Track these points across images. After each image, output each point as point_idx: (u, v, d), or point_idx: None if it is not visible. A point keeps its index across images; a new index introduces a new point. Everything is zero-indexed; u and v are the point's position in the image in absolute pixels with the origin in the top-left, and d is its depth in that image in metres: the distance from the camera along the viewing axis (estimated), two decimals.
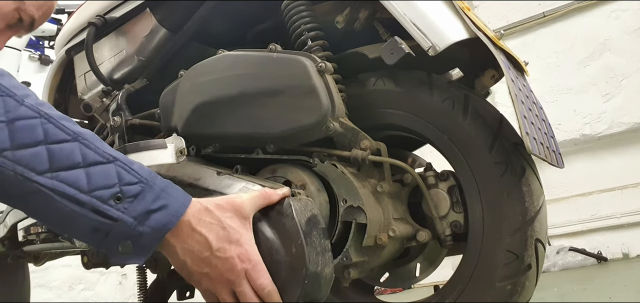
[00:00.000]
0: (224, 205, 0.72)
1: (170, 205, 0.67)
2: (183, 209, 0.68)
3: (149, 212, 0.65)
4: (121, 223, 0.64)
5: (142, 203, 0.65)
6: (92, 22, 1.35)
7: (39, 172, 0.62)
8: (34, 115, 0.64)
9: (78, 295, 4.28)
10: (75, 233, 0.67)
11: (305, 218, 0.75)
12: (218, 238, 0.69)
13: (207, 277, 0.70)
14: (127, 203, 0.65)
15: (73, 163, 0.64)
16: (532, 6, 4.37)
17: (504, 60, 0.99)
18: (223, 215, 0.71)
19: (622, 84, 4.03)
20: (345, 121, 1.01)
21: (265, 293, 0.70)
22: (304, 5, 1.12)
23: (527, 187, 0.98)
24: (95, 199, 0.63)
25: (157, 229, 0.66)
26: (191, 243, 0.68)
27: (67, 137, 0.65)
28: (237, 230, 0.71)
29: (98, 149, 0.66)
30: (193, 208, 0.69)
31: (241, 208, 0.72)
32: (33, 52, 3.16)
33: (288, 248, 0.73)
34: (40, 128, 0.63)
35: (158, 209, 0.66)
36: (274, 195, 0.77)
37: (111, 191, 0.64)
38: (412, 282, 1.25)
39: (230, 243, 0.69)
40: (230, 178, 0.97)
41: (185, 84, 1.15)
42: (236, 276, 0.69)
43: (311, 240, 0.74)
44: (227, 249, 0.69)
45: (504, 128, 1.01)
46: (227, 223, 0.70)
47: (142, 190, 0.66)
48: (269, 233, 0.75)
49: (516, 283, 0.97)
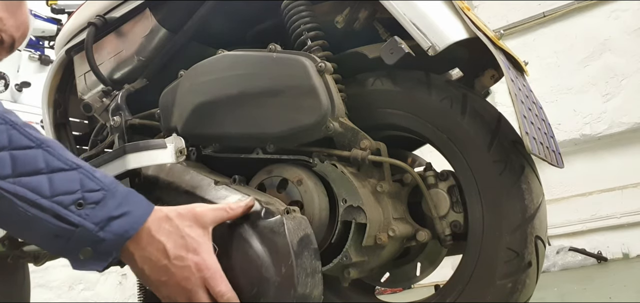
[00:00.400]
0: (185, 214, 0.72)
1: (132, 212, 0.68)
2: (145, 217, 0.69)
3: (110, 219, 0.66)
4: (82, 229, 0.64)
5: (103, 209, 0.66)
6: (92, 22, 1.35)
7: (2, 176, 0.63)
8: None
9: (78, 295, 4.28)
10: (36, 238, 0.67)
11: (297, 238, 0.75)
12: (176, 246, 0.69)
13: (165, 285, 0.70)
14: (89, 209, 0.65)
15: (36, 169, 0.65)
16: (532, 6, 4.37)
17: (504, 60, 0.99)
18: (182, 223, 0.71)
19: (622, 84, 4.03)
20: (345, 121, 1.02)
21: (225, 299, 0.71)
22: (303, 5, 1.13)
23: (527, 184, 0.98)
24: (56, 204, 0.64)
25: (118, 235, 0.66)
26: (150, 250, 0.69)
27: (31, 143, 0.65)
28: (196, 239, 0.71)
29: (61, 156, 0.67)
30: (154, 216, 0.70)
31: (201, 219, 0.73)
32: (33, 52, 3.17)
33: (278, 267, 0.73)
34: (5, 134, 0.64)
35: (120, 216, 0.67)
36: (236, 209, 0.78)
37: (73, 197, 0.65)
38: (412, 281, 1.25)
39: (188, 251, 0.70)
40: (227, 189, 0.97)
41: (185, 84, 1.15)
42: (193, 284, 0.70)
43: (301, 261, 0.74)
44: (184, 257, 0.69)
45: (502, 126, 1.01)
46: (185, 232, 0.71)
47: (104, 197, 0.66)
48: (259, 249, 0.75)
49: (517, 281, 0.97)
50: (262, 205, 0.84)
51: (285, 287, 0.72)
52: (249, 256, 0.74)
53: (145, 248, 0.69)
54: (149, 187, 1.10)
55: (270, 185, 1.05)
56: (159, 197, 1.09)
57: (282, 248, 0.74)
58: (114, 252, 0.67)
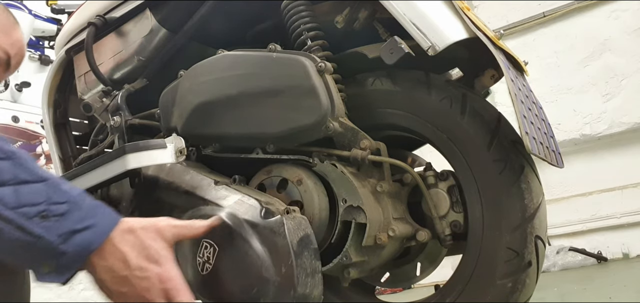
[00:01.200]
0: (148, 226, 0.72)
1: (96, 225, 0.67)
2: (108, 230, 0.68)
3: (73, 232, 0.66)
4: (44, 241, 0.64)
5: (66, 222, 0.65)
6: (92, 22, 1.35)
7: None
8: None
9: (78, 295, 4.27)
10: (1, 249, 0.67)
11: (297, 238, 0.75)
12: (138, 256, 0.69)
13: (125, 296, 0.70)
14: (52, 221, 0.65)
15: (2, 181, 0.64)
16: (532, 6, 4.36)
17: (504, 60, 0.99)
18: (146, 235, 0.71)
19: (622, 84, 4.03)
20: (344, 121, 1.02)
21: None
22: (303, 5, 1.13)
23: (526, 184, 0.98)
24: (20, 216, 0.64)
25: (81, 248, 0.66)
26: (112, 261, 0.68)
27: (1, 155, 0.65)
28: (158, 251, 0.71)
29: (29, 169, 0.67)
30: (118, 228, 0.69)
31: (163, 232, 0.73)
32: (33, 52, 3.17)
33: (278, 267, 0.73)
34: None
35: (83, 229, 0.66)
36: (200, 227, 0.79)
37: (37, 209, 0.65)
38: (412, 281, 1.25)
39: (149, 262, 0.70)
40: (227, 189, 0.97)
41: (185, 84, 1.15)
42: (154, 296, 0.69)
43: (301, 261, 0.74)
44: (146, 268, 0.69)
45: (502, 126, 1.01)
46: (148, 244, 0.71)
47: (68, 210, 0.66)
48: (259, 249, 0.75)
49: (517, 280, 0.97)
50: (262, 205, 0.84)
51: (285, 287, 0.72)
52: (249, 256, 0.74)
53: (107, 259, 0.68)
54: (149, 187, 1.10)
55: (270, 185, 1.05)
56: (159, 197, 1.09)
57: (282, 248, 0.74)
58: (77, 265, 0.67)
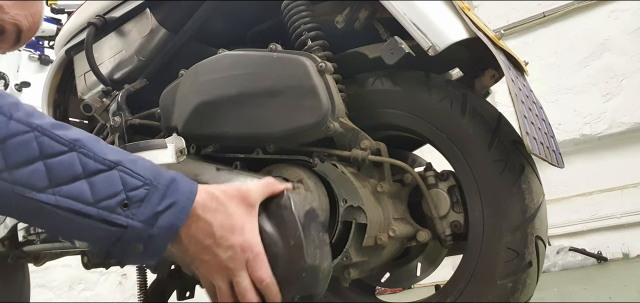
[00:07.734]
0: (231, 192, 0.70)
1: (177, 202, 0.66)
2: (190, 204, 0.67)
3: (157, 214, 0.64)
4: (131, 229, 0.63)
5: (149, 206, 0.64)
6: (92, 22, 1.35)
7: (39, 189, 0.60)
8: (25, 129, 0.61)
9: (78, 295, 4.27)
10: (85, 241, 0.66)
11: (303, 211, 0.75)
12: (222, 226, 0.68)
13: (206, 265, 0.68)
14: (135, 208, 0.64)
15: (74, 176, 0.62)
16: (532, 6, 4.36)
17: (504, 60, 0.99)
18: (229, 201, 0.69)
19: (622, 84, 4.03)
20: (345, 121, 1.02)
21: (263, 285, 0.69)
22: (303, 5, 1.12)
23: (527, 184, 0.98)
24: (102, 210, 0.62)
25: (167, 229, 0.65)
26: (196, 230, 0.67)
27: (64, 148, 0.63)
28: (242, 218, 0.69)
29: (97, 155, 0.64)
30: (199, 197, 0.68)
31: (247, 196, 0.71)
32: (33, 52, 3.17)
33: (286, 241, 0.72)
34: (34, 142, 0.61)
35: (166, 209, 0.65)
36: (278, 184, 0.76)
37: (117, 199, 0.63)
38: (412, 281, 1.25)
39: (233, 232, 0.68)
40: (230, 173, 0.97)
41: (186, 83, 1.15)
42: (235, 265, 0.68)
43: (309, 233, 0.73)
44: (229, 238, 0.68)
45: (502, 126, 1.01)
46: (232, 210, 0.69)
47: (147, 193, 0.65)
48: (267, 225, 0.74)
49: (517, 280, 0.97)
50: None
51: (294, 260, 0.71)
52: None
53: (193, 230, 0.67)
54: None
55: None
56: None
57: (289, 221, 0.73)
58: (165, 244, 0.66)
